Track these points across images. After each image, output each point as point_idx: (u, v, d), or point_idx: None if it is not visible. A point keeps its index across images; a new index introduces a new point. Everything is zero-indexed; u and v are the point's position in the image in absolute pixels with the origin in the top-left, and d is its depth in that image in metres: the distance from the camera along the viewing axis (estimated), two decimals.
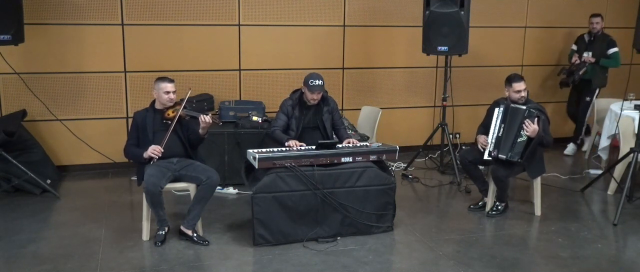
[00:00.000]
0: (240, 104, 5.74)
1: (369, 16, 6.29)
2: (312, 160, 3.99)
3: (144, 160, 3.98)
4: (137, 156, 4.03)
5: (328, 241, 4.01)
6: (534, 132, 4.29)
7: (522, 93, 4.48)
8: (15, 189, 5.02)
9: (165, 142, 3.98)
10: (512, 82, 4.49)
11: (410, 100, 6.66)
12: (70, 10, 5.44)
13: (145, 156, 3.96)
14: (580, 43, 6.48)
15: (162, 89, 4.05)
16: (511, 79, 4.52)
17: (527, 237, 4.30)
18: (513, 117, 4.42)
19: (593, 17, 6.38)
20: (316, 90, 4.36)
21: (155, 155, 3.94)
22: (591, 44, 6.38)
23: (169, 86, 4.06)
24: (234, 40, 5.94)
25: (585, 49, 6.39)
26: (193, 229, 4.00)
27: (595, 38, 6.34)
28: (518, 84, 4.48)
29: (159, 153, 3.95)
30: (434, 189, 5.43)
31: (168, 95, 4.06)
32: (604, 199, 5.18)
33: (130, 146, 4.11)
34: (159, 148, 3.95)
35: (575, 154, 6.69)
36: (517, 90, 4.47)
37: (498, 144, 4.46)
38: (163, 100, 4.07)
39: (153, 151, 3.94)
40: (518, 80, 4.49)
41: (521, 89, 4.47)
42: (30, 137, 5.30)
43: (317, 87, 4.35)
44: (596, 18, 6.34)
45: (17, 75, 5.38)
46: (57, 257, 3.74)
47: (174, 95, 4.09)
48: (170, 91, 4.06)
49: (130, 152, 4.12)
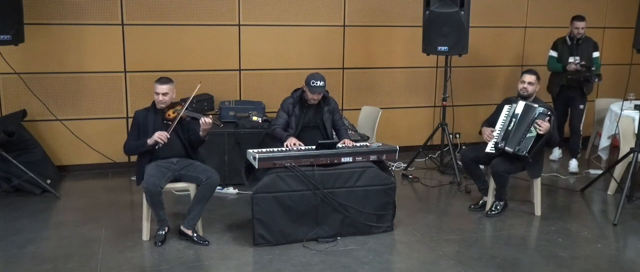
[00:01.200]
0: (240, 104, 5.74)
1: (369, 16, 6.29)
2: (312, 160, 3.99)
3: (148, 147, 3.95)
4: (140, 145, 4.00)
5: (328, 241, 4.01)
6: (545, 130, 4.34)
7: (527, 86, 4.58)
8: (15, 189, 5.02)
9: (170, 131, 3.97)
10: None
11: (410, 100, 6.66)
12: (70, 10, 5.44)
13: (150, 142, 3.93)
14: (561, 48, 5.92)
15: (154, 89, 4.04)
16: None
17: (527, 237, 4.30)
18: (526, 114, 4.47)
19: (578, 20, 5.82)
20: (316, 92, 4.36)
21: (161, 140, 3.91)
22: (577, 48, 5.85)
23: (159, 88, 4.02)
24: (234, 40, 5.94)
25: (571, 53, 5.85)
26: (193, 229, 4.00)
27: (581, 42, 5.84)
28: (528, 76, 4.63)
29: (165, 139, 3.91)
30: (434, 189, 5.43)
31: (157, 97, 4.03)
32: (604, 199, 5.18)
33: (131, 141, 4.10)
34: (165, 134, 3.91)
35: (559, 159, 6.42)
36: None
37: (507, 136, 4.49)
38: (157, 102, 4.06)
39: (159, 136, 3.90)
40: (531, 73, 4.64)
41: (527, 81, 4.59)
42: (30, 137, 5.30)
43: (318, 88, 4.35)
44: (582, 22, 5.80)
45: (17, 75, 5.38)
46: (57, 257, 3.74)
47: (164, 97, 4.02)
48: (160, 93, 4.00)
49: (131, 145, 4.09)
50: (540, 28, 6.90)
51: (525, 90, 4.57)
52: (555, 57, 5.98)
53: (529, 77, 4.59)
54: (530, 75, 4.60)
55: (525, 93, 4.58)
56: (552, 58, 6.01)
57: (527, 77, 4.60)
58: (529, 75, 4.61)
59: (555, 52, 6.00)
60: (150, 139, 3.93)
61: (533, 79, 4.58)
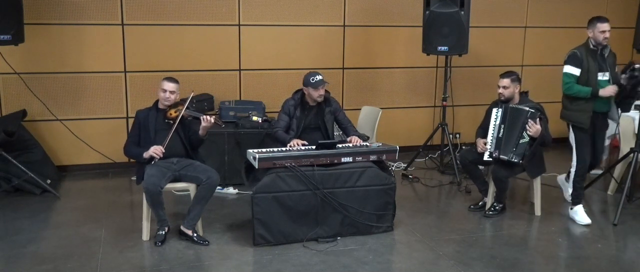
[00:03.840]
0: (240, 104, 5.74)
1: (369, 16, 6.29)
2: (312, 160, 3.99)
3: (144, 160, 3.98)
4: (137, 155, 4.03)
5: (328, 241, 4.01)
6: (536, 133, 4.29)
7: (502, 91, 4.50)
8: (15, 189, 5.02)
9: (167, 142, 3.98)
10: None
11: (411, 100, 6.66)
12: (70, 10, 5.44)
13: (146, 156, 3.96)
14: (588, 61, 4.37)
15: (161, 86, 4.07)
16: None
17: (527, 237, 4.30)
18: (515, 118, 4.41)
19: (602, 22, 4.35)
20: (320, 85, 4.35)
21: (157, 155, 3.94)
22: (604, 60, 4.46)
23: (167, 85, 4.06)
24: (234, 40, 5.94)
25: (600, 69, 4.40)
26: (193, 229, 4.00)
27: (606, 52, 4.47)
28: (502, 80, 4.52)
29: (160, 154, 3.95)
30: (434, 189, 5.43)
31: (165, 93, 4.05)
32: (604, 199, 5.18)
33: (130, 144, 4.11)
34: (160, 148, 3.95)
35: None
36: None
37: (499, 144, 4.46)
38: (161, 99, 4.07)
39: (155, 151, 3.93)
40: (505, 76, 4.52)
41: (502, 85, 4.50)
42: (30, 137, 5.30)
43: (320, 82, 4.34)
44: (607, 24, 4.35)
45: (17, 75, 5.38)
46: (57, 257, 3.74)
47: (170, 95, 4.06)
48: (167, 90, 4.05)
49: (130, 150, 4.12)
50: (540, 28, 6.90)
51: (502, 95, 4.52)
52: (576, 75, 4.39)
53: (502, 81, 4.51)
54: (502, 79, 4.51)
55: (502, 97, 4.53)
56: (572, 77, 4.40)
57: (500, 81, 4.53)
58: (501, 80, 4.52)
59: (576, 67, 4.38)
60: (146, 153, 3.95)
61: (506, 82, 4.49)
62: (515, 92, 4.52)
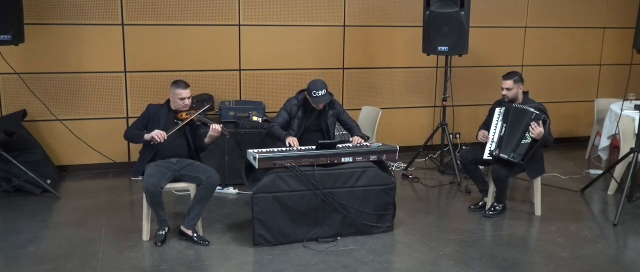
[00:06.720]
0: (240, 104, 5.74)
1: (369, 16, 6.29)
2: (312, 160, 3.99)
3: (144, 141, 3.98)
4: (138, 136, 4.03)
5: (328, 241, 4.01)
6: (539, 135, 4.29)
7: (505, 92, 4.51)
8: (15, 189, 5.02)
9: (169, 134, 3.99)
10: (503, 79, 4.56)
11: (411, 100, 6.66)
12: (70, 10, 5.44)
13: (147, 137, 3.95)
14: None
15: (178, 95, 4.06)
16: (504, 76, 4.57)
17: (527, 237, 4.30)
18: (518, 118, 4.40)
19: None
20: (320, 102, 4.37)
21: (158, 139, 3.93)
22: None
23: (183, 93, 4.07)
24: (234, 40, 5.94)
25: None
26: (193, 229, 4.00)
27: None
28: (504, 81, 4.53)
29: (162, 139, 3.94)
30: (434, 189, 5.43)
31: (183, 101, 4.08)
32: (604, 199, 5.18)
33: (132, 128, 4.14)
34: (163, 134, 3.94)
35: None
36: (502, 87, 4.53)
37: (500, 143, 4.46)
38: (178, 106, 4.09)
39: (157, 135, 3.93)
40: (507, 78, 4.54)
41: (505, 87, 4.52)
42: (30, 137, 5.30)
43: (321, 98, 4.35)
44: None
45: (17, 75, 5.38)
46: (57, 257, 3.74)
47: (189, 101, 4.10)
48: (185, 97, 4.07)
49: (131, 132, 4.14)
50: (540, 28, 6.90)
51: (506, 97, 4.53)
52: None
53: (505, 83, 4.52)
54: (505, 81, 4.52)
55: (506, 99, 4.54)
56: None
57: (503, 83, 4.54)
58: (504, 81, 4.53)
59: None
60: (149, 134, 3.95)
61: (510, 83, 4.50)
62: (518, 93, 4.53)
